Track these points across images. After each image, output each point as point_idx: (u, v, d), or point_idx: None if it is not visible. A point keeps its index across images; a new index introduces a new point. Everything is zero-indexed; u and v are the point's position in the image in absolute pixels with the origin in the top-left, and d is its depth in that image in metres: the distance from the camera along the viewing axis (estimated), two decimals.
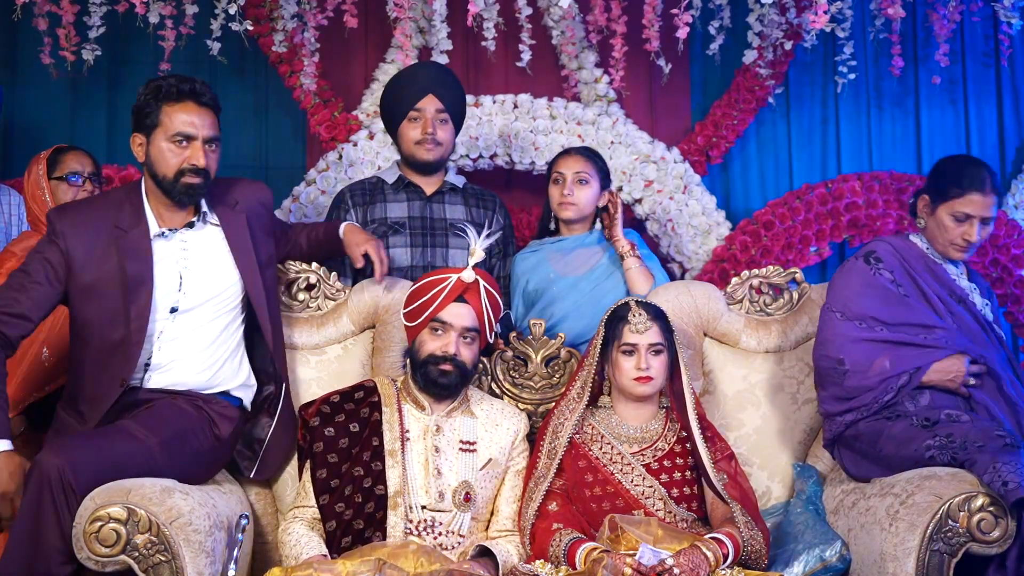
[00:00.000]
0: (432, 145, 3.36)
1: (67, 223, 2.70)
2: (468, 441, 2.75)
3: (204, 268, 2.78)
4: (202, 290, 2.77)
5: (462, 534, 2.67)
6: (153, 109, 2.71)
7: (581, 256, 3.37)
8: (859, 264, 2.94)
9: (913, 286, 2.91)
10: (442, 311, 2.70)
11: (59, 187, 3.37)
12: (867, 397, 2.81)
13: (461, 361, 2.70)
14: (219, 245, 2.83)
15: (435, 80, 3.39)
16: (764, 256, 4.09)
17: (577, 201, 3.36)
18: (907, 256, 2.95)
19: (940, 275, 2.94)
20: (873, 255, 2.94)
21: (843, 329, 2.87)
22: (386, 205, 3.41)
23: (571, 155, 3.44)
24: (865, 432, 2.80)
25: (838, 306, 2.91)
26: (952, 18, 4.04)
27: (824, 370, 2.89)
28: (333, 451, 2.67)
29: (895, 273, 2.91)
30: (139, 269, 2.69)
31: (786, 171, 4.51)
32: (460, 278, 2.72)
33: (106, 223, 2.71)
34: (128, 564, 2.41)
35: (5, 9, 3.93)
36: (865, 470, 2.80)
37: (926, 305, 2.89)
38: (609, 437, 2.76)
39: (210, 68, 4.26)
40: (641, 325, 2.73)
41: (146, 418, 2.65)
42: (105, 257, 2.69)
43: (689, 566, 2.41)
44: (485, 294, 2.74)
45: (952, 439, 2.62)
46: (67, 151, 3.44)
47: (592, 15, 3.89)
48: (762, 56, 4.17)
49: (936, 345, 2.83)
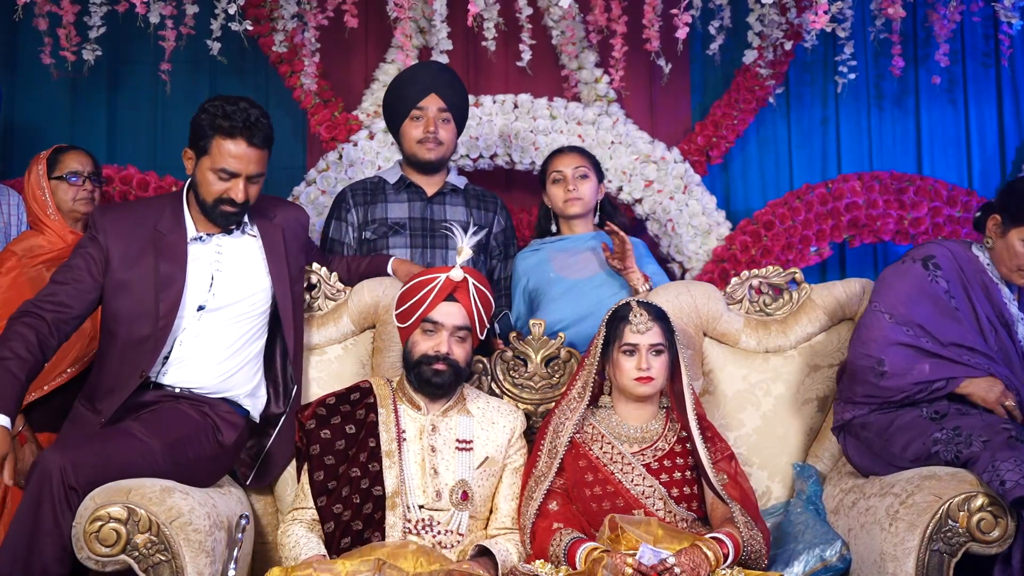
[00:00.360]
0: (434, 144, 3.36)
1: (109, 221, 2.79)
2: (464, 440, 2.75)
3: (236, 271, 2.84)
4: (231, 292, 2.82)
5: (461, 533, 2.67)
6: (207, 135, 2.75)
7: (583, 257, 3.37)
8: (916, 268, 2.85)
9: (966, 301, 2.84)
10: (432, 311, 2.71)
11: (59, 187, 3.38)
12: (897, 397, 2.78)
13: (454, 360, 2.71)
14: (254, 253, 2.89)
15: (438, 79, 3.39)
16: (764, 256, 4.10)
17: (582, 195, 3.38)
18: (966, 268, 2.86)
19: (994, 295, 2.86)
20: (932, 260, 2.85)
21: (889, 332, 2.79)
22: (387, 205, 3.41)
23: (565, 153, 3.47)
24: (875, 422, 2.79)
25: (887, 307, 2.83)
26: (952, 18, 4.05)
27: (861, 368, 2.83)
28: (330, 453, 2.68)
29: (951, 284, 2.83)
30: (172, 269, 2.77)
31: (786, 171, 4.51)
32: (449, 277, 2.72)
33: (147, 225, 2.80)
34: (128, 564, 2.42)
35: (5, 9, 3.93)
36: (868, 462, 2.80)
37: (974, 323, 2.82)
38: (610, 437, 2.76)
39: (210, 68, 4.27)
40: (642, 325, 2.73)
41: (150, 421, 2.67)
42: (142, 257, 2.76)
43: (690, 565, 2.41)
44: (475, 291, 2.75)
45: (959, 432, 2.61)
46: (67, 151, 3.45)
47: (592, 15, 3.89)
48: (762, 56, 4.17)
49: (976, 366, 2.77)
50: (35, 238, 3.35)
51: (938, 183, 4.18)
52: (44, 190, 3.36)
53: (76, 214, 3.39)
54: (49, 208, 3.35)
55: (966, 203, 4.13)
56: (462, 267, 2.76)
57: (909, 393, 2.77)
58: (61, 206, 3.37)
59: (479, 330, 2.78)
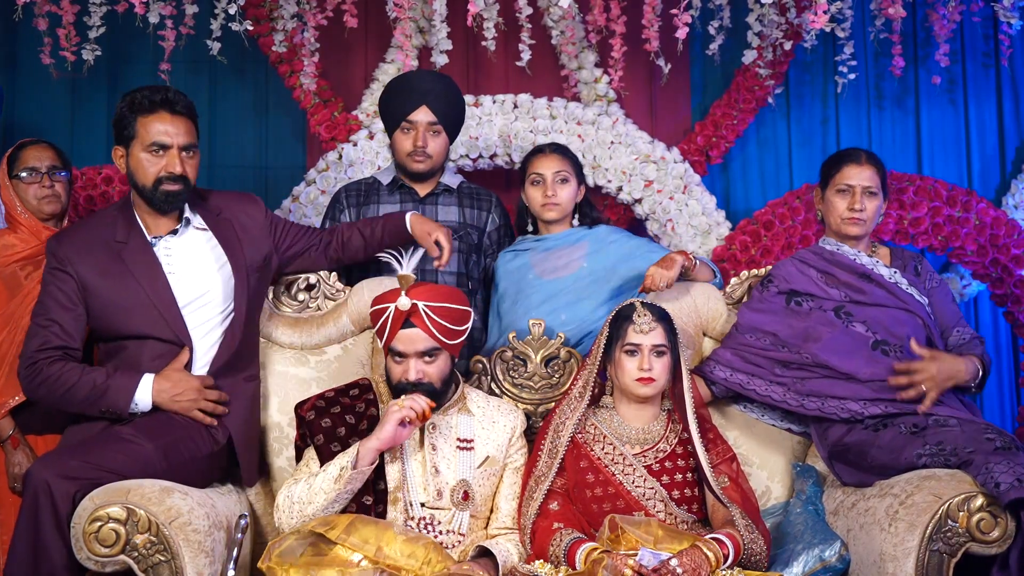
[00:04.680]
0: (423, 157, 3.35)
1: (67, 248, 2.76)
2: (465, 439, 2.74)
3: (187, 272, 2.82)
4: (188, 290, 2.80)
5: (462, 532, 2.66)
6: (129, 121, 2.75)
7: (563, 256, 3.28)
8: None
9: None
10: (394, 340, 2.65)
11: (18, 185, 3.26)
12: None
13: (428, 383, 2.65)
14: (202, 249, 2.87)
15: (428, 90, 3.35)
16: (764, 256, 4.09)
17: (560, 201, 3.28)
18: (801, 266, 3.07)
19: (842, 261, 3.02)
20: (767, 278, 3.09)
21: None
22: (379, 206, 3.41)
23: (546, 154, 3.33)
24: (852, 444, 2.81)
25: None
26: (952, 18, 4.05)
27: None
28: (334, 440, 2.64)
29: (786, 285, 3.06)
30: (148, 271, 2.75)
31: (786, 171, 4.51)
32: (396, 307, 2.63)
33: (102, 240, 2.78)
34: (128, 564, 2.42)
35: (5, 9, 3.94)
36: (863, 476, 2.80)
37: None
38: (611, 438, 2.76)
39: (210, 68, 4.27)
40: (645, 326, 2.73)
41: (142, 423, 2.67)
42: (112, 272, 2.74)
43: (691, 566, 2.41)
44: (430, 313, 2.62)
45: (943, 446, 2.63)
46: (27, 146, 3.32)
47: (592, 15, 3.88)
48: (762, 56, 4.17)
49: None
50: (8, 236, 3.26)
51: (938, 183, 4.18)
52: (9, 188, 3.26)
53: (42, 213, 3.27)
54: (18, 206, 3.25)
55: (966, 203, 4.13)
56: (416, 285, 2.67)
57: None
58: (28, 205, 3.26)
59: (452, 342, 2.68)
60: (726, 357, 2.99)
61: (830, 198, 3.03)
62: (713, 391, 3.01)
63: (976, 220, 4.11)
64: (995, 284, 4.17)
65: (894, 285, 2.95)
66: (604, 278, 3.23)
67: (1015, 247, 4.11)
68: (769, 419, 3.05)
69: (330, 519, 2.46)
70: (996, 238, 4.11)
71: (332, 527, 2.42)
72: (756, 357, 2.96)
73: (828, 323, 2.91)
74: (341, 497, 2.54)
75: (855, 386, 2.84)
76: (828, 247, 3.05)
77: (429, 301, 2.64)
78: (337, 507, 2.55)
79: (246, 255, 2.89)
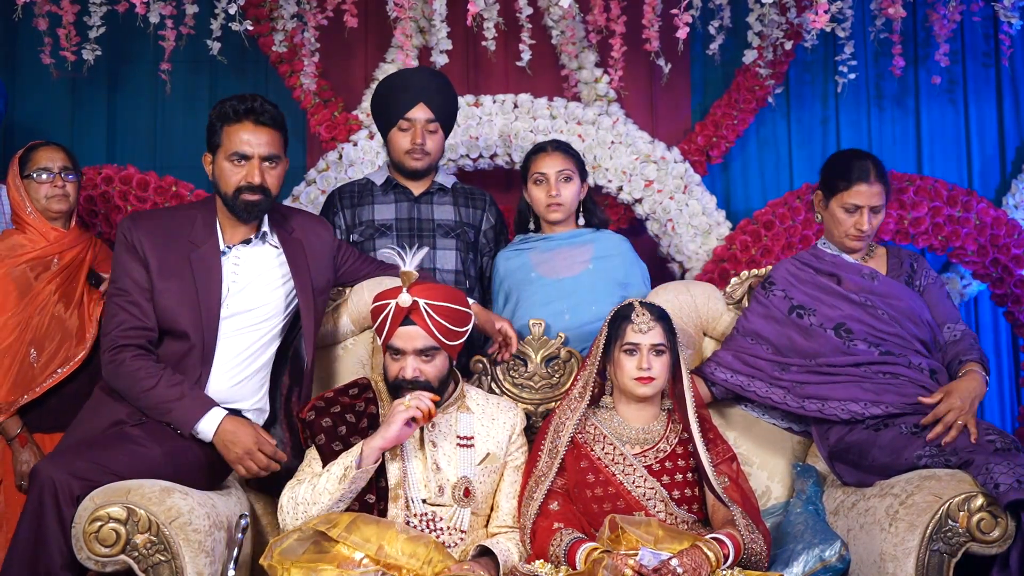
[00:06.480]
0: (421, 155, 3.35)
1: (144, 231, 2.78)
2: (465, 436, 2.74)
3: (250, 283, 2.84)
4: (242, 302, 2.81)
5: (463, 530, 2.66)
6: (216, 129, 2.79)
7: (567, 256, 3.29)
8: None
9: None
10: (392, 337, 2.65)
11: (30, 185, 3.29)
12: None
13: (424, 381, 2.65)
14: (270, 265, 2.88)
15: (425, 88, 3.35)
16: (764, 256, 4.09)
17: (564, 200, 3.27)
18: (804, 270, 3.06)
19: (842, 266, 3.02)
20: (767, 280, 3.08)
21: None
22: (374, 207, 3.41)
23: (549, 153, 3.31)
24: (853, 444, 2.81)
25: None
26: (952, 18, 4.05)
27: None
28: (336, 439, 2.65)
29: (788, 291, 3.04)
30: (208, 280, 2.77)
31: (786, 171, 4.51)
32: (397, 303, 2.63)
33: (177, 236, 2.80)
34: (128, 564, 2.42)
35: (5, 9, 3.94)
36: (862, 476, 2.80)
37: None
38: (612, 438, 2.76)
39: (210, 68, 4.27)
40: (644, 325, 2.73)
41: (150, 426, 2.67)
42: (176, 274, 2.76)
43: (692, 565, 2.41)
44: (430, 311, 2.62)
45: (942, 448, 2.63)
46: (38, 147, 3.35)
47: (592, 15, 3.89)
48: (762, 56, 4.17)
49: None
50: (17, 236, 3.29)
51: (938, 183, 4.18)
52: (19, 188, 3.29)
53: (51, 213, 3.30)
54: (27, 207, 3.27)
55: (966, 203, 4.13)
56: (418, 283, 2.66)
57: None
58: (37, 204, 3.29)
59: (451, 343, 2.68)
60: (727, 359, 2.99)
61: (835, 211, 2.99)
62: (713, 392, 3.01)
63: (976, 220, 4.11)
64: (995, 284, 4.17)
65: (894, 288, 2.95)
66: (609, 284, 3.23)
67: (1015, 247, 4.12)
68: (770, 419, 3.05)
69: (332, 517, 2.46)
70: (996, 238, 4.11)
71: (334, 525, 2.42)
72: (756, 360, 2.96)
73: (832, 348, 2.91)
74: (346, 497, 2.54)
75: (855, 388, 2.84)
76: (828, 252, 3.04)
77: (430, 299, 2.64)
78: (341, 507, 2.55)
79: (312, 277, 2.92)
